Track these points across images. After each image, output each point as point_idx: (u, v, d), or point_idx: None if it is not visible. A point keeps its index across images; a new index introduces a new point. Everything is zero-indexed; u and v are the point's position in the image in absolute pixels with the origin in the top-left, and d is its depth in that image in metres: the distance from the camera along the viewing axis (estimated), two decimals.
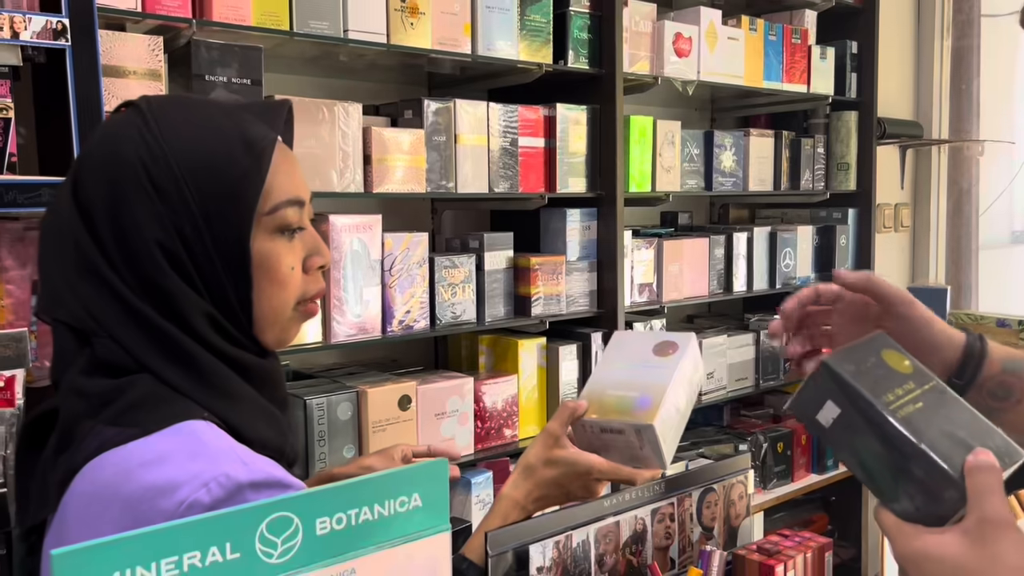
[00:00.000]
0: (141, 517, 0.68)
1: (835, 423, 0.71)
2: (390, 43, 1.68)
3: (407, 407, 1.77)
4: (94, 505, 0.72)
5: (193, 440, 0.73)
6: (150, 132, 0.78)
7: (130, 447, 0.72)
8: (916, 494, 0.65)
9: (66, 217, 0.78)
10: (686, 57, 2.20)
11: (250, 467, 0.71)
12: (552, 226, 2.08)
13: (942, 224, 3.40)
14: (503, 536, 1.00)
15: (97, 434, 0.74)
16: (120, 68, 1.39)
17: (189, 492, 0.68)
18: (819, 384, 0.72)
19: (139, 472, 0.70)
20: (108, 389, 0.76)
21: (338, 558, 0.65)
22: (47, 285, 0.80)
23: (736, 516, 1.25)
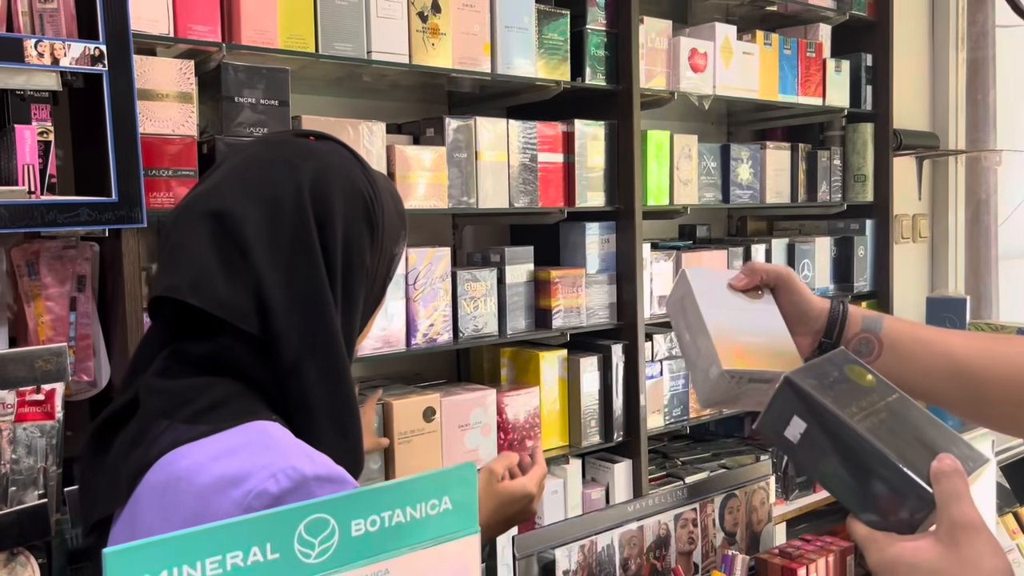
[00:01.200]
0: (212, 506, 0.72)
1: (803, 438, 0.71)
2: (412, 63, 1.72)
3: (431, 419, 1.80)
4: (167, 496, 0.76)
5: (262, 436, 0.78)
6: (367, 172, 0.91)
7: (202, 442, 0.77)
8: (885, 503, 0.67)
9: (292, 213, 0.83)
10: (702, 72, 2.24)
11: (315, 461, 0.75)
12: (571, 240, 2.11)
13: (960, 234, 3.40)
14: (530, 540, 1.03)
15: (172, 431, 0.78)
16: (152, 91, 1.44)
17: (258, 482, 0.72)
18: (784, 400, 0.72)
19: (211, 464, 0.74)
20: (187, 389, 0.81)
21: (372, 559, 0.68)
22: (193, 272, 0.81)
23: (758, 522, 1.26)
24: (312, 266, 0.82)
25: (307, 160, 0.86)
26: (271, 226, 0.82)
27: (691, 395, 2.30)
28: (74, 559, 1.24)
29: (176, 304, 0.82)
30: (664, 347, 2.24)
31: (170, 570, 0.59)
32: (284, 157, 0.87)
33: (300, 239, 0.82)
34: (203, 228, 0.82)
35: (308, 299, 0.82)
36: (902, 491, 0.66)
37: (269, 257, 0.81)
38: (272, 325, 0.81)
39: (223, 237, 0.82)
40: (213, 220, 0.82)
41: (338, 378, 0.84)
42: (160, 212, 1.46)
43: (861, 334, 0.94)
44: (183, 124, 1.46)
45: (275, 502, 0.71)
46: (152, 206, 1.43)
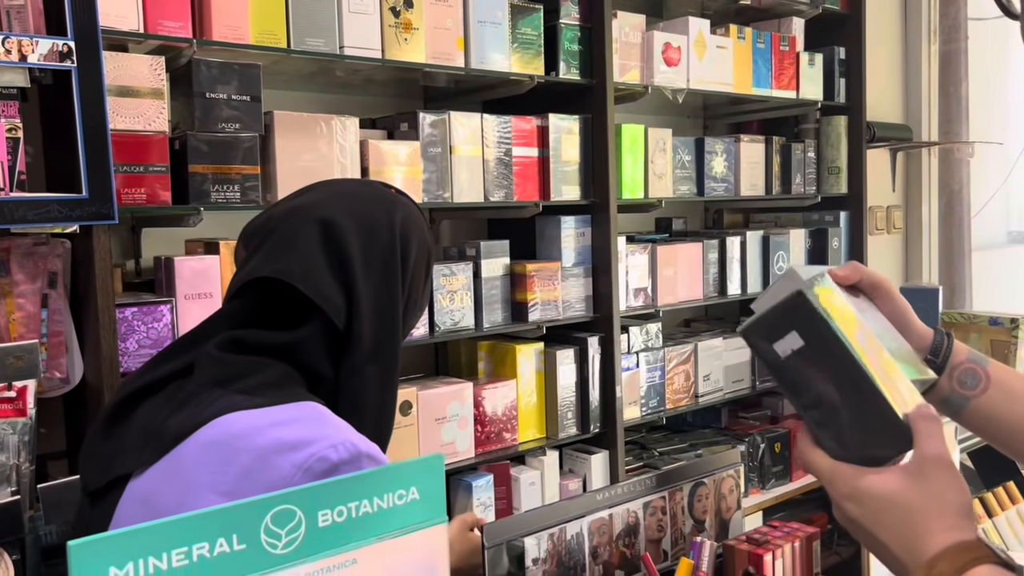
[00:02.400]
0: (271, 465, 0.77)
1: (794, 354, 0.68)
2: (385, 58, 1.73)
3: (408, 412, 1.81)
4: (223, 451, 0.80)
5: (319, 412, 0.84)
6: (429, 232, 1.09)
7: (261, 410, 0.82)
8: (861, 436, 0.67)
9: (386, 241, 0.98)
10: (675, 66, 2.25)
11: (367, 442, 0.83)
12: (547, 233, 2.12)
13: (934, 225, 3.44)
14: (499, 529, 1.04)
15: (227, 399, 0.84)
16: (123, 88, 1.44)
17: (319, 448, 0.78)
18: (789, 312, 0.68)
19: (271, 429, 0.80)
20: (246, 364, 0.87)
21: (340, 549, 0.69)
22: (304, 264, 0.92)
23: (727, 509, 1.28)
24: (394, 286, 0.96)
25: (397, 205, 1.01)
26: (368, 246, 0.95)
27: (668, 386, 2.32)
28: (48, 556, 1.24)
29: (259, 290, 0.92)
30: (640, 339, 2.26)
31: (136, 562, 0.60)
32: (379, 196, 1.02)
33: (389, 262, 0.96)
34: (313, 231, 0.94)
35: (387, 311, 0.95)
36: (885, 427, 0.66)
37: (364, 270, 0.94)
38: (355, 325, 0.92)
39: (330, 242, 0.93)
40: (323, 226, 0.94)
41: (392, 386, 0.96)
42: (133, 208, 1.46)
43: (967, 364, 0.89)
44: (154, 120, 1.46)
45: (333, 469, 0.77)
46: (124, 202, 1.43)
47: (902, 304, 0.89)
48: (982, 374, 0.88)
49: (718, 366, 2.45)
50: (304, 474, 0.77)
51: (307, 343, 0.90)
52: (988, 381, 0.88)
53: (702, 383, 2.41)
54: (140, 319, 1.44)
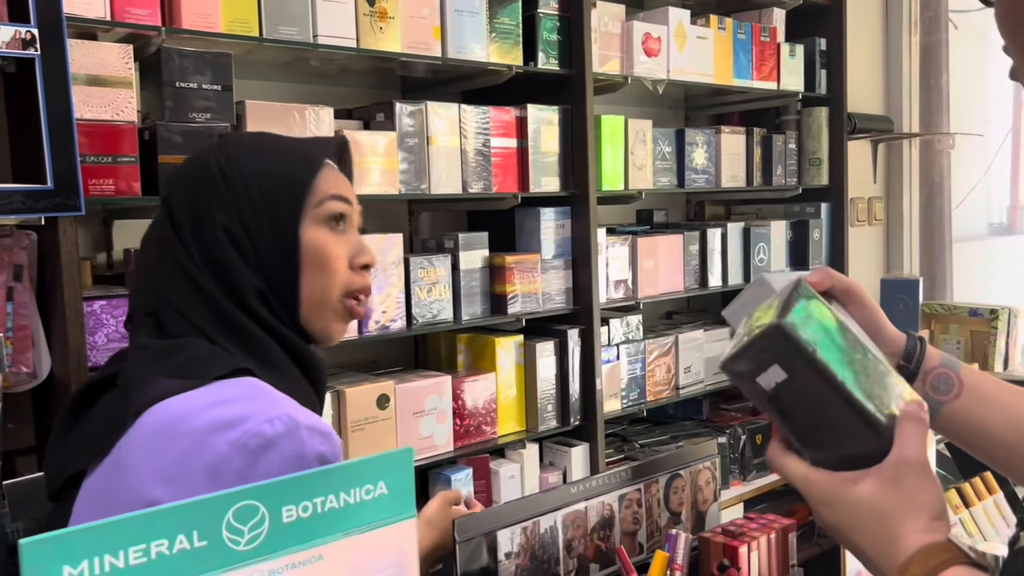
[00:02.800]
0: (207, 446, 0.76)
1: (778, 386, 0.67)
2: (360, 47, 1.70)
3: (385, 406, 1.79)
4: (161, 438, 0.79)
5: (256, 387, 0.83)
6: (227, 143, 0.97)
7: (197, 392, 0.81)
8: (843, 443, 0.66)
9: (158, 223, 0.95)
10: (655, 57, 2.24)
11: (307, 414, 0.81)
12: (527, 225, 2.11)
13: (915, 217, 3.45)
14: (471, 523, 1.03)
15: (159, 384, 0.82)
16: (93, 77, 1.41)
17: (255, 424, 0.77)
18: (769, 346, 0.67)
19: (207, 410, 0.79)
20: (168, 346, 0.87)
21: (305, 545, 0.67)
22: (134, 288, 0.96)
23: (704, 501, 1.27)
24: (167, 240, 0.93)
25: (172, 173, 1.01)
26: (149, 239, 0.98)
27: (648, 378, 2.31)
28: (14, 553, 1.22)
29: None
30: (620, 331, 2.25)
31: (91, 560, 0.58)
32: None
33: (162, 238, 0.95)
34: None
35: (174, 265, 0.92)
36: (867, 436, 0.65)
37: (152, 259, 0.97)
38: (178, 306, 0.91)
39: (145, 254, 0.98)
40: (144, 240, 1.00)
41: (232, 324, 0.90)
42: (101, 200, 1.44)
43: (940, 369, 0.89)
44: (122, 110, 1.43)
45: (268, 443, 0.76)
46: (92, 193, 1.40)
47: (874, 309, 0.89)
48: (955, 379, 0.88)
49: (699, 358, 2.44)
50: (240, 451, 0.76)
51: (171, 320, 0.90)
52: (961, 386, 0.88)
53: (683, 375, 2.40)
54: (109, 312, 1.42)
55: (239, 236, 0.91)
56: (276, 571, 0.66)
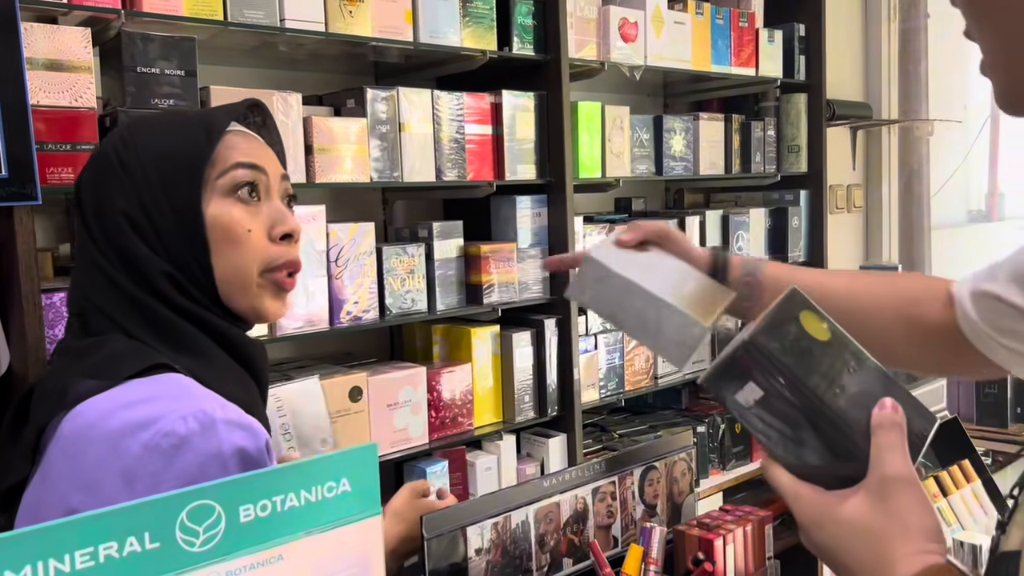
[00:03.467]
0: (121, 450, 0.73)
1: (758, 403, 0.66)
2: (328, 31, 1.66)
3: (358, 399, 1.76)
4: (78, 443, 0.76)
5: (173, 385, 0.79)
6: (127, 127, 0.91)
7: (112, 392, 0.78)
8: (827, 463, 0.64)
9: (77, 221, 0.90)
10: (632, 42, 2.21)
11: (226, 408, 0.77)
12: (502, 214, 2.08)
13: (894, 204, 3.44)
14: (439, 519, 1.00)
15: (77, 385, 0.79)
16: (51, 61, 1.36)
17: (167, 423, 0.73)
18: (744, 363, 0.66)
19: (121, 411, 0.75)
20: (85, 345, 0.84)
21: (264, 545, 0.64)
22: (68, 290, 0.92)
23: (679, 493, 1.25)
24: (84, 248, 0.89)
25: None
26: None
27: (627, 368, 2.29)
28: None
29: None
30: (598, 321, 2.22)
31: (34, 564, 0.55)
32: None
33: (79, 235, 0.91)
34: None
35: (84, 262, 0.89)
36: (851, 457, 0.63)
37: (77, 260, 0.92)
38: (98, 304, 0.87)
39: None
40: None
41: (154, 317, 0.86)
42: (60, 188, 1.39)
43: (744, 278, 0.99)
44: (81, 95, 1.39)
45: (182, 442, 0.72)
46: (50, 182, 1.36)
47: (683, 240, 1.03)
48: (756, 285, 0.98)
49: None
50: (152, 452, 0.72)
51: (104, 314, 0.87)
52: (762, 290, 0.98)
53: (661, 365, 2.38)
54: None
55: (140, 221, 0.86)
56: (234, 572, 0.63)
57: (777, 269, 0.99)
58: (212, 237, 0.87)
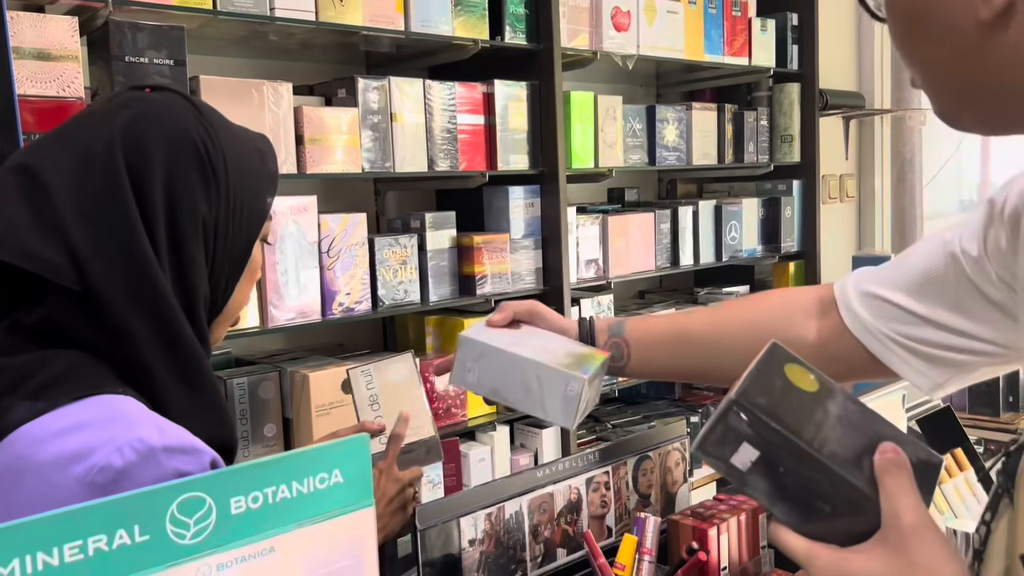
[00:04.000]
0: (54, 485, 0.67)
1: (755, 464, 0.63)
2: (319, 20, 1.65)
3: (349, 390, 1.75)
4: (8, 478, 0.70)
5: (108, 409, 0.72)
6: (205, 120, 0.83)
7: (45, 419, 0.71)
8: (836, 518, 0.62)
9: (102, 163, 0.77)
10: (625, 31, 2.20)
11: (165, 432, 0.71)
12: (495, 204, 2.07)
13: (887, 194, 3.45)
14: (433, 510, 1.00)
15: (14, 410, 0.72)
16: (39, 51, 1.35)
17: (102, 456, 0.67)
18: (733, 426, 0.63)
19: (52, 441, 0.69)
20: (26, 363, 0.74)
21: (255, 537, 0.63)
22: (5, 229, 0.75)
23: (673, 483, 1.25)
24: (123, 216, 0.76)
25: (127, 108, 0.80)
26: (80, 176, 0.76)
27: None
28: None
29: (5, 271, 0.75)
30: (591, 311, 2.22)
31: (22, 558, 0.54)
32: (103, 108, 0.81)
33: (108, 187, 0.76)
34: (10, 181, 0.76)
35: (122, 251, 0.76)
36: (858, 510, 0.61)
37: (76, 207, 0.75)
38: (88, 280, 0.74)
39: (30, 189, 0.75)
40: (20, 173, 0.76)
41: (175, 339, 0.78)
42: None
43: (611, 340, 1.03)
44: (69, 85, 1.37)
45: (120, 476, 0.67)
46: None
47: (551, 315, 1.07)
48: (623, 345, 1.03)
49: None
50: (89, 489, 0.66)
51: (61, 319, 0.75)
52: (629, 348, 1.02)
53: None
54: None
55: (211, 235, 0.81)
56: (225, 565, 0.62)
57: (638, 325, 1.05)
58: (245, 273, 0.88)
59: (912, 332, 0.84)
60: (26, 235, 0.74)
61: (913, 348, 0.85)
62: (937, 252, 0.82)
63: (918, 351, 0.84)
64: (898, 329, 0.85)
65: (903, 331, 0.84)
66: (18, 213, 0.74)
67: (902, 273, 0.85)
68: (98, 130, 0.78)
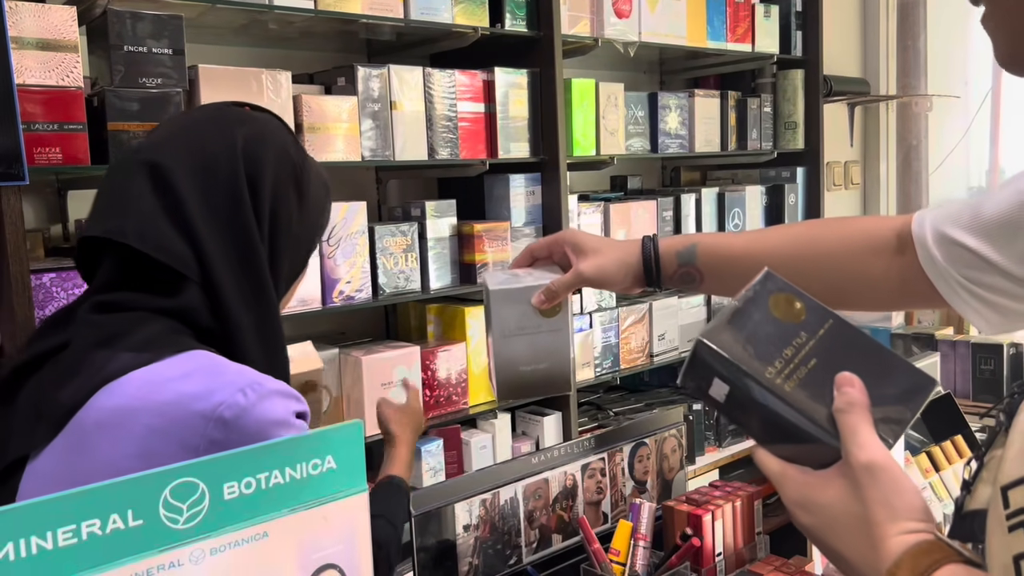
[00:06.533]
0: (175, 420, 0.75)
1: (728, 397, 0.66)
2: (318, 8, 1.65)
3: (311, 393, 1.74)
4: (122, 416, 0.76)
5: (213, 361, 0.81)
6: (298, 144, 0.96)
7: (154, 367, 0.78)
8: (803, 449, 0.64)
9: (226, 171, 0.87)
10: (626, 18, 2.19)
11: (272, 378, 0.80)
12: (496, 192, 2.07)
13: (892, 181, 3.43)
14: (428, 495, 1.00)
15: (115, 360, 0.79)
16: (36, 40, 1.35)
17: (227, 395, 0.75)
18: (701, 362, 0.66)
19: (169, 384, 0.77)
20: (123, 321, 0.83)
21: (248, 522, 0.64)
22: (137, 219, 0.84)
23: (670, 469, 1.25)
24: (244, 220, 0.86)
25: (242, 124, 0.90)
26: (205, 181, 0.85)
27: (623, 346, 2.29)
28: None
29: (104, 251, 0.85)
30: (593, 300, 2.22)
31: (16, 542, 0.55)
32: (219, 120, 0.91)
33: (232, 194, 0.86)
34: (142, 178, 0.85)
35: (242, 251, 0.86)
36: (822, 447, 0.63)
37: (204, 210, 0.85)
38: (212, 274, 0.84)
39: (160, 187, 0.84)
40: (150, 170, 0.85)
41: (275, 335, 0.88)
42: (48, 168, 1.39)
43: (680, 270, 0.97)
44: (68, 75, 1.38)
45: (243, 412, 0.75)
46: (37, 162, 1.35)
47: (588, 242, 0.98)
48: (695, 273, 0.97)
49: (673, 325, 2.43)
50: (215, 423, 0.74)
51: (170, 302, 0.84)
52: (702, 275, 0.97)
53: (657, 342, 2.38)
54: (59, 285, 1.38)
55: (294, 244, 0.92)
56: (218, 549, 0.63)
57: (711, 250, 0.97)
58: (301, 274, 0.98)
59: (981, 278, 0.84)
60: (158, 228, 0.83)
61: (980, 296, 0.85)
62: (1014, 200, 0.82)
63: (985, 299, 0.85)
64: (968, 275, 0.85)
65: (973, 276, 0.85)
66: (154, 210, 0.84)
67: (978, 216, 0.85)
68: (218, 140, 0.88)
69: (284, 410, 0.78)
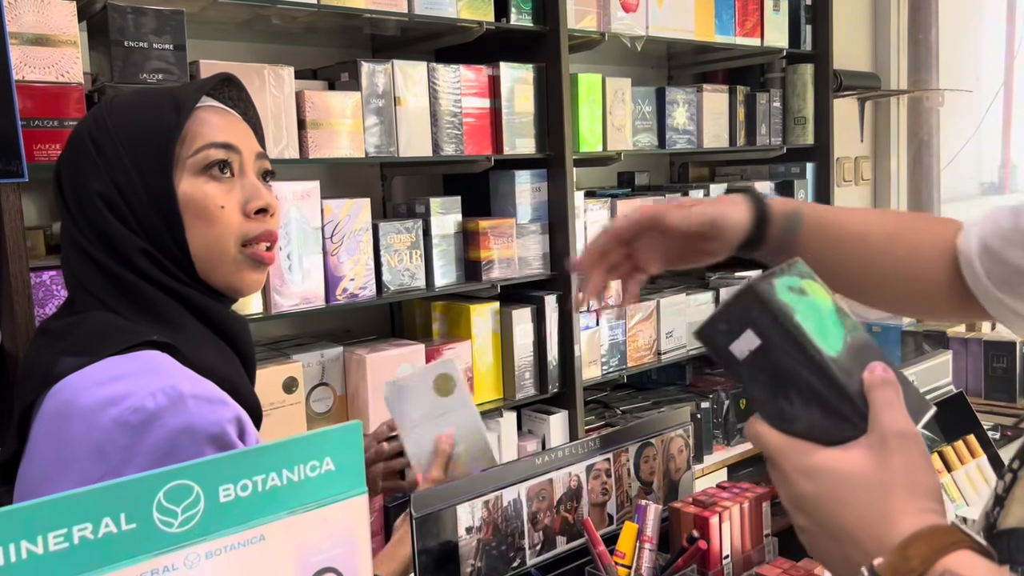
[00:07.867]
0: (93, 426, 0.75)
1: (753, 354, 0.63)
2: (321, 4, 1.63)
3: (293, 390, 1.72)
4: (57, 421, 0.78)
5: (146, 361, 0.81)
6: (100, 109, 0.92)
7: (88, 369, 0.79)
8: (819, 423, 0.61)
9: (58, 202, 0.92)
10: (634, 12, 2.17)
11: (195, 383, 0.78)
12: (501, 188, 2.05)
13: (903, 177, 3.39)
14: (429, 497, 0.99)
15: (57, 363, 0.81)
16: (35, 36, 1.34)
17: (137, 400, 0.75)
18: (744, 308, 0.63)
19: (95, 388, 0.77)
20: (65, 324, 0.86)
21: (244, 525, 0.63)
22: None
23: (676, 470, 1.23)
24: (67, 231, 0.91)
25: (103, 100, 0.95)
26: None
27: (630, 344, 2.27)
28: None
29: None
30: None
31: (6, 547, 0.54)
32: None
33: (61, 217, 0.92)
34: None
35: (71, 238, 0.90)
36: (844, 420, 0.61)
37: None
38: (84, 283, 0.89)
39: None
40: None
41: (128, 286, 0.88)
42: (47, 165, 1.37)
43: (781, 236, 0.91)
44: (68, 71, 1.37)
45: (151, 418, 0.74)
46: (37, 159, 1.34)
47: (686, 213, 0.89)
48: (794, 243, 0.90)
49: (681, 322, 2.40)
50: (122, 428, 0.73)
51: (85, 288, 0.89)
52: (799, 248, 0.89)
53: (664, 340, 2.36)
54: (60, 283, 1.36)
55: (115, 201, 0.88)
56: (214, 553, 0.62)
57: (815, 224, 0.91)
58: (186, 214, 0.89)
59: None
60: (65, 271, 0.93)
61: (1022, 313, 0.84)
62: None
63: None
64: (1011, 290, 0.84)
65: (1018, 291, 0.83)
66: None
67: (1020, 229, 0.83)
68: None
69: (202, 419, 0.76)
